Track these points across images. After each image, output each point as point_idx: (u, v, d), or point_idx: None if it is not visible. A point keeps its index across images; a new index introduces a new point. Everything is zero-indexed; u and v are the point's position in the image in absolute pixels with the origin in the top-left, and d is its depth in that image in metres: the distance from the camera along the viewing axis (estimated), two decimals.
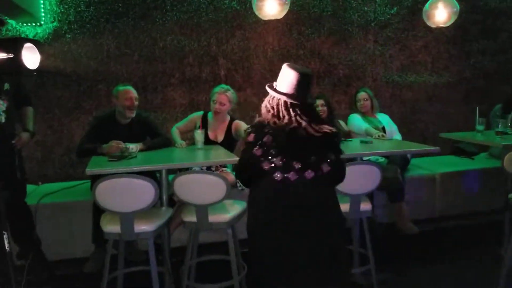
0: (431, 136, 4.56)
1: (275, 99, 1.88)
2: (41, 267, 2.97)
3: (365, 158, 3.34)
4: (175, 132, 3.43)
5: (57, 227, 3.23)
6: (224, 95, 3.39)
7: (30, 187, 3.51)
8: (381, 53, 4.63)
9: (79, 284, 3.00)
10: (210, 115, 3.49)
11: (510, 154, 2.94)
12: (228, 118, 3.50)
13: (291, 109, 1.84)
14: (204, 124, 3.44)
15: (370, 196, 2.99)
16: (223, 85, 3.49)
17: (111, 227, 2.40)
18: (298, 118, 1.83)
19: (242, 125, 3.43)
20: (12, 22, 3.66)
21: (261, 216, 1.85)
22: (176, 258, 2.91)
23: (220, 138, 3.45)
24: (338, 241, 1.86)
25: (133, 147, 2.95)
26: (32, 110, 3.06)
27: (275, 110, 1.86)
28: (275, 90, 1.89)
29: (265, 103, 1.92)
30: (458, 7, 3.95)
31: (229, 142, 3.43)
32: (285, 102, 1.85)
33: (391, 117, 4.18)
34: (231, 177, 3.28)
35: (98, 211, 2.74)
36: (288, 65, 1.90)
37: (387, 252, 3.16)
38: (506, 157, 2.95)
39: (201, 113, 3.55)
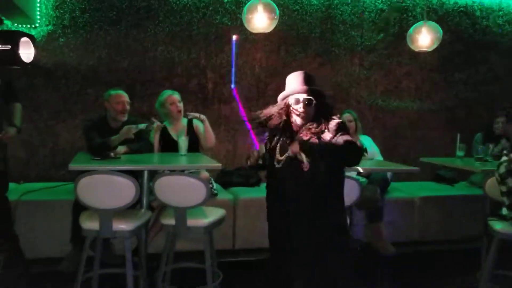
0: (412, 161, 4.63)
1: None
2: (17, 263, 2.94)
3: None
4: None
5: (35, 225, 3.22)
6: (175, 95, 3.48)
7: (11, 185, 3.47)
8: (366, 77, 4.78)
9: (54, 282, 2.97)
10: (166, 123, 3.52)
11: (492, 179, 3.01)
12: (181, 118, 3.54)
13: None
14: (165, 130, 3.47)
15: (348, 213, 3.03)
16: (167, 92, 3.55)
17: (89, 224, 2.41)
18: None
19: (200, 125, 3.54)
20: (7, 22, 3.71)
21: None
22: (152, 264, 2.90)
23: None
24: None
25: (143, 126, 3.07)
26: (20, 107, 3.08)
27: None
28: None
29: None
30: (441, 33, 4.05)
31: (194, 140, 3.46)
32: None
33: (373, 140, 4.26)
34: (205, 175, 3.34)
35: (78, 210, 2.75)
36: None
37: (363, 270, 3.17)
38: (488, 181, 3.01)
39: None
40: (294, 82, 2.12)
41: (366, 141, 4.07)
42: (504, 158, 2.75)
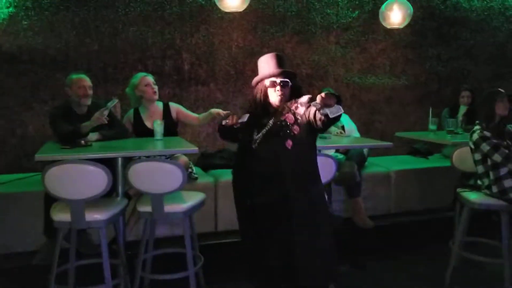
0: (389, 136, 4.71)
1: None
2: None
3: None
4: None
5: (6, 219, 3.09)
6: (149, 77, 3.38)
7: None
8: (343, 54, 4.76)
9: (28, 277, 2.88)
10: (141, 108, 3.43)
11: (458, 151, 3.10)
12: (156, 103, 3.45)
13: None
14: (139, 119, 3.38)
15: (328, 190, 3.05)
16: (140, 73, 3.44)
17: (61, 216, 2.33)
18: None
19: (180, 106, 3.49)
20: None
21: None
22: (132, 252, 2.85)
23: None
24: None
25: (111, 104, 2.94)
26: None
27: None
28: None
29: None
30: (412, 9, 4.12)
31: (171, 125, 3.39)
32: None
33: (351, 117, 4.28)
34: (184, 159, 3.27)
35: (50, 201, 2.64)
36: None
37: (344, 245, 3.22)
38: (454, 154, 3.11)
39: (130, 111, 3.46)
40: (268, 65, 2.18)
41: (343, 118, 4.09)
42: (477, 126, 2.80)
